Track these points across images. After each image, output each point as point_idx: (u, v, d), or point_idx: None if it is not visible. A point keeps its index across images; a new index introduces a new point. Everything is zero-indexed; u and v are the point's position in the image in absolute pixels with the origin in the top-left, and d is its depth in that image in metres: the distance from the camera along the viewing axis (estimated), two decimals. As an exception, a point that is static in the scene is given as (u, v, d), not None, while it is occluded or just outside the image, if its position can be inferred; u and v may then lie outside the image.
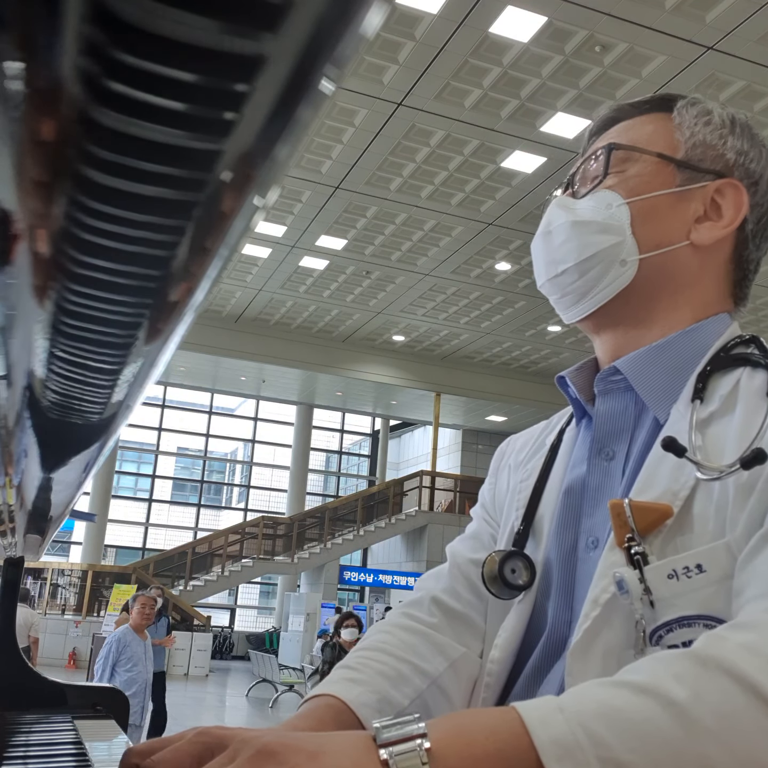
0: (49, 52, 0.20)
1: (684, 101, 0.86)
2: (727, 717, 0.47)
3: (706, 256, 0.82)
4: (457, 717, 0.51)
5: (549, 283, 0.86)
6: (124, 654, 5.60)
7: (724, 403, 0.72)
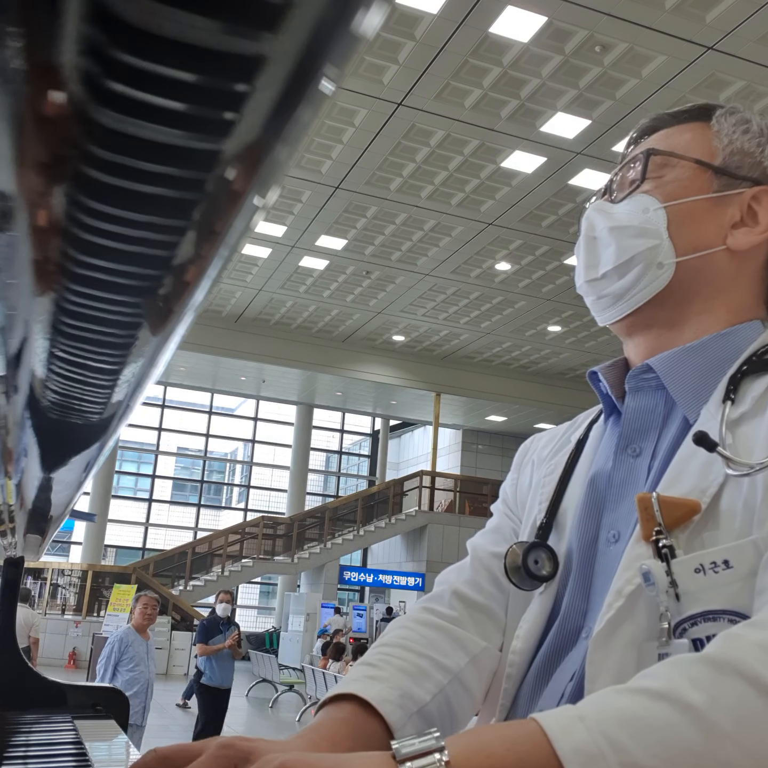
0: (49, 52, 0.20)
1: (723, 110, 0.87)
2: (744, 720, 0.48)
3: (742, 261, 0.83)
4: (477, 731, 0.52)
5: (587, 284, 0.87)
6: (126, 654, 5.60)
7: (756, 405, 0.73)
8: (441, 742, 0.49)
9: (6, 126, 0.22)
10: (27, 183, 0.25)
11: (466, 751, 0.48)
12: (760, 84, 8.73)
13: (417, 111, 9.73)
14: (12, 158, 0.24)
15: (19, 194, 0.26)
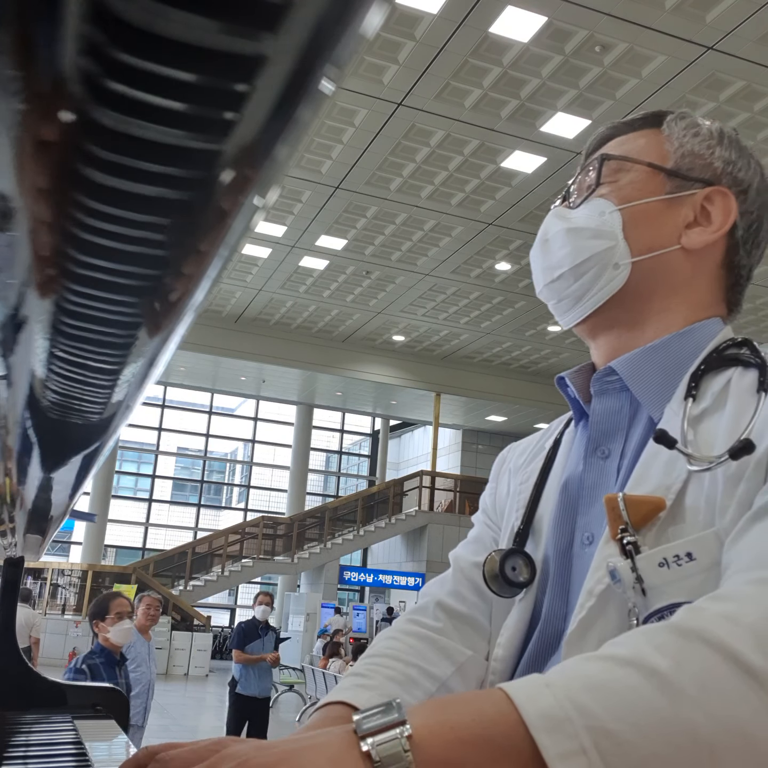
0: (49, 52, 0.20)
1: (673, 116, 0.90)
2: (708, 685, 0.48)
3: (698, 260, 0.85)
4: (440, 701, 0.51)
5: (546, 288, 0.89)
6: (129, 654, 5.59)
7: (716, 401, 0.74)
8: (403, 714, 0.48)
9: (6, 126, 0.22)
10: (27, 183, 0.25)
11: (429, 723, 0.48)
12: (760, 84, 8.73)
13: (417, 111, 9.73)
14: (12, 158, 0.24)
15: (19, 194, 0.26)
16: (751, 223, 0.87)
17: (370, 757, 0.46)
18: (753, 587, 0.56)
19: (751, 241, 0.87)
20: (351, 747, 0.47)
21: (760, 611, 0.52)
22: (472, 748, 0.47)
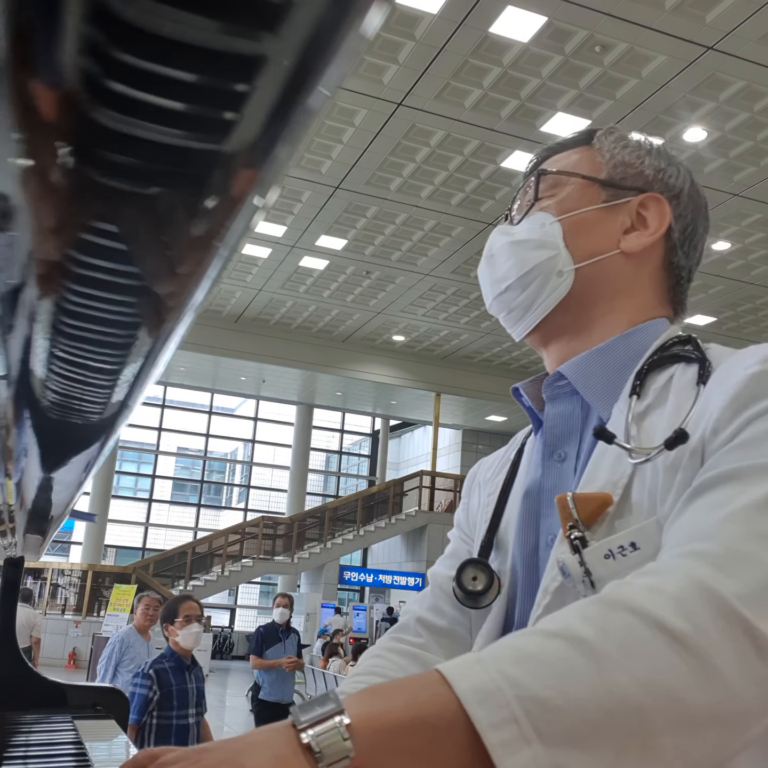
0: (49, 52, 0.20)
1: (602, 131, 0.94)
2: (633, 649, 0.50)
3: (638, 263, 0.88)
4: (377, 687, 0.52)
5: (495, 301, 0.92)
6: (128, 655, 5.58)
7: (659, 396, 0.77)
8: (341, 704, 0.48)
9: (6, 126, 0.22)
10: (27, 183, 0.25)
11: (366, 711, 0.48)
12: (760, 84, 8.73)
13: (417, 111, 9.73)
14: (12, 158, 0.24)
15: (20, 194, 0.26)
16: (686, 226, 0.90)
17: (311, 748, 0.47)
18: (678, 560, 0.58)
19: (688, 243, 0.91)
20: (291, 740, 0.47)
21: (682, 580, 0.54)
22: (408, 731, 0.47)
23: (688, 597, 0.53)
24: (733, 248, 12.29)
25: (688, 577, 0.54)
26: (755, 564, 0.55)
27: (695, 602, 0.52)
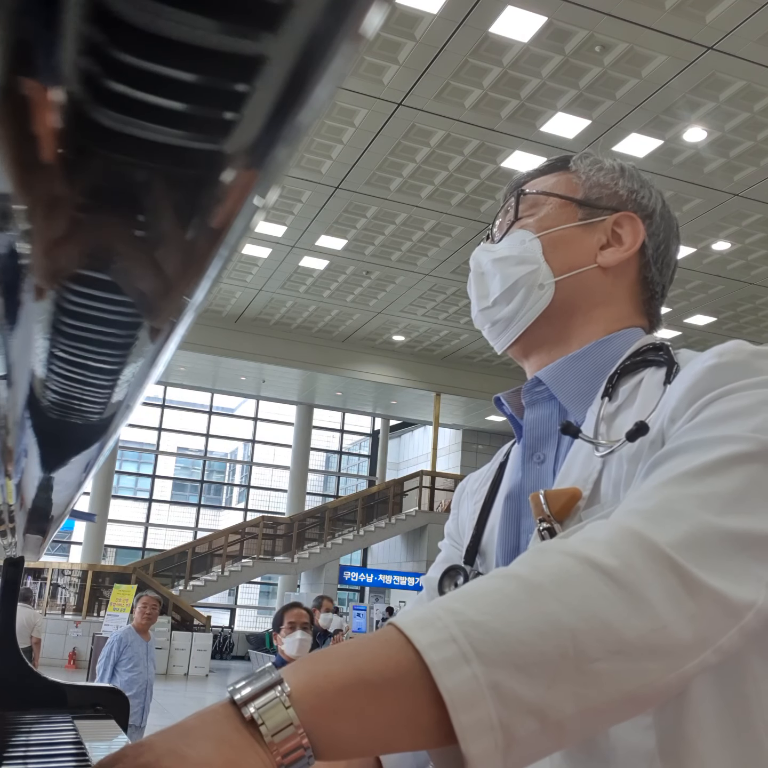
0: (49, 52, 0.20)
1: (578, 155, 1.00)
2: (564, 581, 0.53)
3: (614, 277, 0.93)
4: (315, 653, 0.52)
5: (480, 314, 0.97)
6: (126, 654, 5.59)
7: (628, 397, 0.81)
8: (279, 674, 0.48)
9: (6, 125, 0.22)
10: (27, 183, 0.25)
11: (305, 677, 0.48)
12: (760, 84, 8.73)
13: (417, 111, 9.73)
14: (12, 158, 0.24)
15: (19, 194, 0.26)
16: (659, 244, 0.96)
17: (254, 721, 0.46)
18: (615, 516, 0.61)
19: (661, 260, 0.96)
20: (232, 718, 0.47)
21: (614, 529, 0.58)
22: (352, 688, 0.48)
23: (618, 540, 0.56)
24: (733, 248, 12.29)
25: (620, 527, 0.58)
26: (686, 518, 0.58)
27: (625, 544, 0.56)
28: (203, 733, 0.46)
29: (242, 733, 0.46)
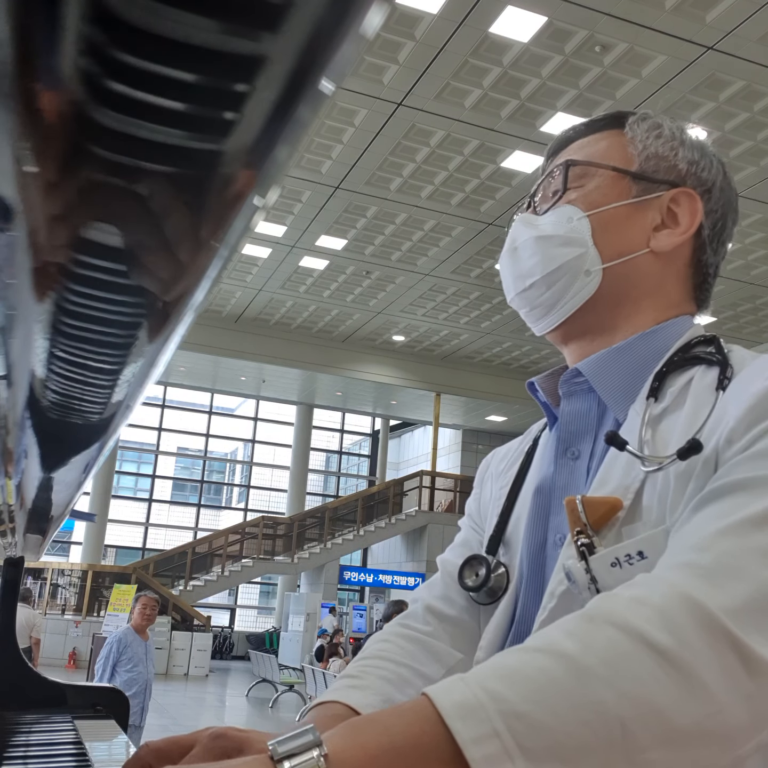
0: (49, 52, 0.20)
1: (635, 117, 0.90)
2: (615, 663, 0.49)
3: (666, 262, 0.85)
4: (354, 721, 0.51)
5: (518, 297, 0.89)
6: (125, 654, 5.59)
7: (676, 399, 0.75)
8: (318, 737, 0.48)
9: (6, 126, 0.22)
10: (27, 183, 0.25)
11: (342, 743, 0.48)
12: (760, 84, 8.73)
13: (417, 111, 9.73)
14: (12, 158, 0.24)
15: (19, 194, 0.26)
16: (716, 222, 0.88)
17: None
18: (667, 571, 0.56)
19: (717, 239, 0.88)
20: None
21: (668, 592, 0.53)
22: (388, 758, 0.46)
23: (672, 610, 0.51)
24: (733, 248, 12.29)
25: (674, 589, 0.53)
26: (745, 578, 0.54)
27: (680, 615, 0.51)
28: None
29: None
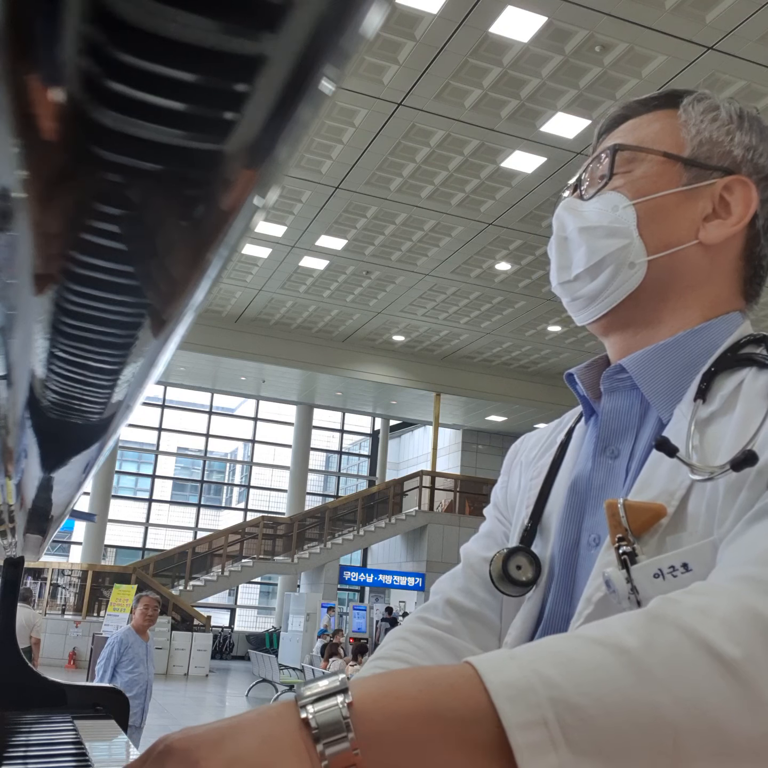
0: (49, 52, 0.20)
1: (691, 97, 0.85)
2: (677, 668, 0.47)
3: (716, 254, 0.81)
4: (394, 672, 0.49)
5: (560, 287, 0.87)
6: (126, 655, 5.58)
7: (726, 403, 0.71)
8: (345, 682, 0.45)
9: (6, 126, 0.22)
10: (27, 183, 0.25)
11: (373, 693, 0.45)
12: (760, 84, 8.73)
13: (417, 111, 9.73)
14: (12, 158, 0.24)
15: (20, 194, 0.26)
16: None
17: (308, 724, 0.43)
18: (731, 583, 0.54)
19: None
20: (289, 718, 0.44)
21: (734, 604, 0.51)
22: (420, 720, 0.44)
23: (739, 622, 0.49)
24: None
25: (739, 603, 0.51)
26: None
27: (746, 629, 0.49)
28: (252, 729, 0.44)
29: (292, 736, 0.43)
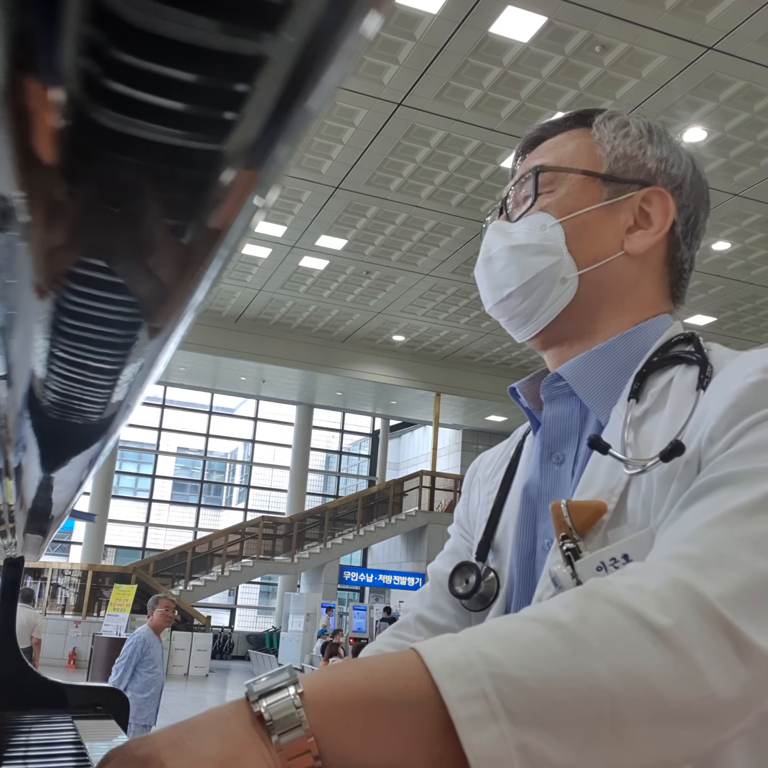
0: (49, 52, 0.20)
1: (602, 116, 0.89)
2: (611, 638, 0.49)
3: (641, 263, 0.85)
4: (340, 663, 0.51)
5: (496, 307, 0.89)
6: (147, 655, 5.57)
7: (657, 400, 0.75)
8: (294, 675, 0.47)
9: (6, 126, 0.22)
10: (27, 183, 0.25)
11: (321, 683, 0.47)
12: (760, 84, 8.72)
13: (417, 111, 9.73)
14: (12, 158, 0.24)
15: (19, 194, 0.26)
16: (689, 217, 0.87)
17: (262, 718, 0.45)
18: (660, 561, 0.57)
19: (690, 234, 0.88)
20: (242, 714, 0.46)
21: (664, 579, 0.53)
22: (367, 705, 0.46)
23: (669, 595, 0.52)
24: (733, 248, 12.29)
25: (669, 578, 0.53)
26: (737, 567, 0.54)
27: (676, 600, 0.51)
28: (210, 728, 0.45)
29: (249, 732, 0.45)
